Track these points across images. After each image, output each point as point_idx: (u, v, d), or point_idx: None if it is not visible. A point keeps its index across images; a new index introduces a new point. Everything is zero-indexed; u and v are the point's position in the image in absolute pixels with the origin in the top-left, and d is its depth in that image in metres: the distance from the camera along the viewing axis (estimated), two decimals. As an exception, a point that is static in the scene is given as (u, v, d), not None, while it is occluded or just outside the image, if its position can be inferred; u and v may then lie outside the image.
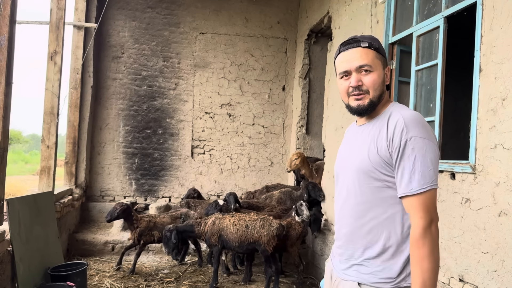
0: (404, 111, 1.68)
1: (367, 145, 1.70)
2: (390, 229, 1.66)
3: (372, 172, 1.67)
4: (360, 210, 1.72)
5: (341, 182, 1.83)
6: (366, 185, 1.69)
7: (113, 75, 7.81)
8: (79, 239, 6.18)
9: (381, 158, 1.65)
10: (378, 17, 4.57)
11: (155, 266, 5.69)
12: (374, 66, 1.72)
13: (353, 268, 1.73)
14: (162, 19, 7.95)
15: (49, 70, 5.43)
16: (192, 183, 7.93)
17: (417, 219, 1.57)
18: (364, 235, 1.70)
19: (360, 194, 1.71)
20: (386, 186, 1.67)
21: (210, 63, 8.11)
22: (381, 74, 1.73)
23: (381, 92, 1.73)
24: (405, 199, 1.61)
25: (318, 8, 6.90)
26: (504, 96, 2.73)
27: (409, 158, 1.58)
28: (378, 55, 1.74)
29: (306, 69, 7.93)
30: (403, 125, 1.61)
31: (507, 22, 2.76)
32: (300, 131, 8.00)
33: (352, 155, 1.78)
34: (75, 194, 6.70)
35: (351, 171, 1.75)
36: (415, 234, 1.56)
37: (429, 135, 1.61)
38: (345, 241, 1.79)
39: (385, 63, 1.78)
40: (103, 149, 7.77)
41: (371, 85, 1.71)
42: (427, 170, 1.58)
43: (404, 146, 1.59)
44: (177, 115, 8.02)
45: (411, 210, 1.59)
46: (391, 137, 1.63)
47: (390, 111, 1.72)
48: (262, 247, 4.63)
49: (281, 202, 6.14)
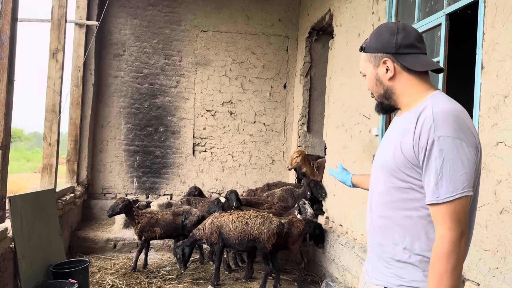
0: (438, 104, 1.47)
1: (394, 141, 1.56)
2: (413, 233, 1.51)
3: (395, 172, 1.53)
4: (385, 209, 1.59)
5: (372, 180, 1.71)
6: (391, 184, 1.56)
7: (115, 73, 7.82)
8: (81, 236, 6.20)
9: (405, 158, 1.49)
10: (380, 14, 4.56)
11: (156, 263, 5.71)
12: (364, 69, 1.69)
13: (379, 269, 1.63)
14: (163, 17, 7.95)
15: (50, 68, 5.43)
16: (194, 181, 7.94)
17: (444, 230, 1.40)
18: (388, 235, 1.58)
19: (385, 193, 1.59)
20: (411, 188, 1.51)
21: (212, 61, 8.11)
22: (371, 75, 1.65)
23: (380, 91, 1.65)
24: (432, 206, 1.44)
25: (320, 6, 6.89)
26: (506, 93, 2.73)
27: (436, 161, 1.40)
28: (367, 56, 1.66)
29: (308, 67, 7.92)
30: (431, 121, 1.42)
31: (509, 19, 2.75)
32: (301, 129, 8.00)
33: (382, 151, 1.66)
34: (77, 192, 6.71)
35: (378, 168, 1.64)
36: (441, 247, 1.39)
37: (463, 133, 1.40)
38: (371, 239, 1.68)
39: (379, 58, 1.63)
40: (104, 146, 7.79)
41: (370, 88, 1.70)
42: (457, 175, 1.38)
43: (431, 146, 1.41)
44: (179, 113, 8.02)
45: (438, 219, 1.42)
46: (418, 135, 1.45)
47: (425, 104, 1.52)
48: (261, 244, 4.65)
49: (283, 200, 6.15)
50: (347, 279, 4.74)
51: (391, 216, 1.57)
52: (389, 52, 1.60)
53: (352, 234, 4.93)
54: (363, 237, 4.66)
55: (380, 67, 1.63)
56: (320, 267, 5.56)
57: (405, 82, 1.61)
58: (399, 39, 1.60)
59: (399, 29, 1.60)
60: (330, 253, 5.28)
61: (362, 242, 4.64)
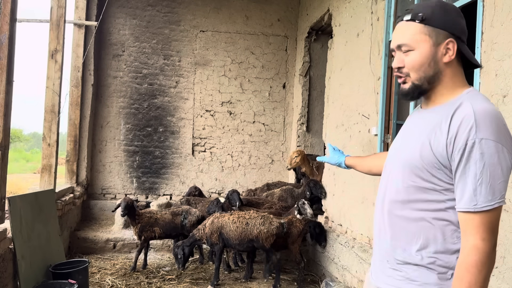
0: (477, 103, 1.35)
1: (423, 137, 1.43)
2: (428, 234, 1.42)
3: (420, 171, 1.41)
4: (400, 208, 1.48)
5: (386, 175, 1.59)
6: (412, 182, 1.44)
7: (114, 73, 7.82)
8: (80, 236, 6.20)
9: (435, 157, 1.37)
10: (379, 14, 4.56)
11: (156, 264, 5.70)
12: (415, 43, 1.43)
13: (388, 273, 1.53)
14: (162, 17, 7.95)
15: (49, 68, 5.43)
16: (193, 181, 7.94)
17: (477, 241, 1.30)
18: (401, 236, 1.48)
19: (402, 191, 1.47)
20: (433, 189, 1.41)
21: (211, 61, 8.11)
22: (425, 52, 1.43)
23: (427, 73, 1.44)
24: (464, 213, 1.33)
25: (319, 6, 6.90)
26: (505, 93, 2.73)
27: (476, 165, 1.28)
28: (425, 28, 1.43)
29: (307, 66, 7.93)
30: (473, 121, 1.29)
31: (507, 18, 2.75)
32: (301, 129, 8.00)
33: (405, 146, 1.52)
34: (76, 192, 6.71)
35: (398, 164, 1.51)
36: (473, 258, 1.29)
37: (505, 138, 1.30)
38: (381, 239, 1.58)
39: (443, 36, 1.43)
40: (104, 147, 7.78)
41: (411, 67, 1.45)
42: (496, 183, 1.28)
43: (470, 148, 1.29)
44: (178, 113, 8.03)
45: (470, 228, 1.31)
46: (453, 134, 1.33)
47: (461, 99, 1.40)
48: (260, 243, 4.65)
49: (282, 200, 6.15)
50: (346, 278, 4.75)
51: (407, 215, 1.46)
52: (454, 34, 1.44)
53: (352, 234, 4.94)
54: (362, 236, 4.66)
55: (441, 46, 1.43)
56: (320, 266, 5.56)
57: (454, 71, 1.47)
58: (463, 24, 1.46)
59: (461, 14, 1.47)
60: (330, 252, 5.28)
61: (361, 242, 4.64)
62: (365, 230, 4.61)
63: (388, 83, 4.37)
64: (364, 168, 2.12)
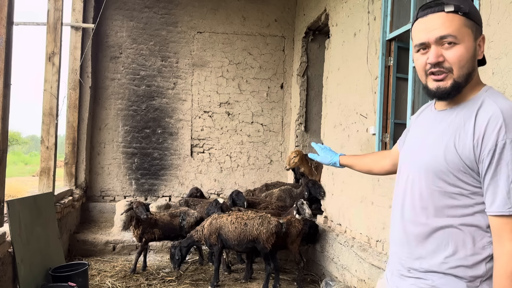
0: (502, 102, 1.29)
1: (446, 140, 1.35)
2: (457, 241, 1.35)
3: (445, 175, 1.34)
4: (424, 215, 1.40)
5: (404, 179, 1.50)
6: (436, 188, 1.37)
7: (112, 75, 7.81)
8: (80, 239, 6.19)
9: (461, 160, 1.31)
10: (375, 13, 4.57)
11: (156, 265, 5.70)
12: (461, 36, 1.33)
13: (410, 282, 1.45)
14: (159, 18, 7.95)
15: (47, 71, 5.42)
16: (192, 182, 7.94)
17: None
18: (426, 244, 1.41)
19: (426, 197, 1.39)
20: (460, 194, 1.34)
21: (208, 62, 8.12)
22: (470, 47, 1.34)
23: (469, 70, 1.35)
24: (498, 218, 1.26)
25: (315, 6, 6.91)
26: (502, 90, 2.74)
27: (508, 166, 1.23)
28: (468, 21, 1.34)
29: (304, 66, 7.93)
30: (502, 121, 1.24)
31: (504, 17, 2.76)
32: (299, 129, 8.01)
33: (423, 149, 1.44)
34: (75, 195, 6.70)
35: (418, 168, 1.43)
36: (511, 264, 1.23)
37: None
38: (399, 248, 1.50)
39: (478, 32, 1.37)
40: (102, 149, 7.78)
41: (456, 62, 1.33)
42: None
43: (501, 150, 1.23)
44: (176, 114, 8.03)
45: (505, 233, 1.24)
46: (481, 135, 1.26)
47: (482, 98, 1.34)
48: (261, 244, 4.65)
49: (281, 200, 6.16)
50: (346, 278, 4.75)
51: (432, 223, 1.38)
52: (481, 30, 1.39)
53: (351, 233, 4.94)
54: (361, 236, 4.67)
55: (477, 42, 1.37)
56: (320, 266, 5.57)
57: (476, 68, 1.40)
58: None
59: None
60: (329, 252, 5.29)
61: (361, 241, 4.65)
62: (364, 229, 4.62)
63: (385, 82, 4.38)
64: (364, 167, 2.05)
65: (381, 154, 2.05)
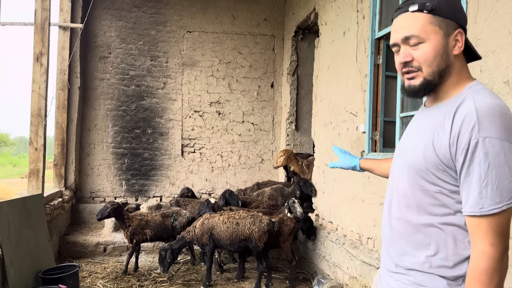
0: (480, 99, 1.27)
1: (426, 138, 1.35)
2: (439, 240, 1.34)
3: (425, 174, 1.34)
4: (407, 213, 1.41)
5: (392, 178, 1.52)
6: (418, 186, 1.37)
7: (101, 75, 7.75)
8: (70, 241, 6.14)
9: (438, 158, 1.30)
10: (364, 12, 4.59)
11: (147, 266, 5.68)
12: (426, 35, 1.33)
13: (396, 277, 1.46)
14: (148, 18, 7.90)
15: (35, 71, 5.36)
16: (183, 182, 7.92)
17: (486, 246, 1.22)
18: (410, 242, 1.41)
19: (409, 195, 1.40)
20: (440, 192, 1.33)
21: (198, 62, 8.09)
22: (438, 44, 1.33)
23: (441, 67, 1.34)
24: (471, 218, 1.25)
25: (305, 5, 6.92)
26: (490, 87, 2.76)
27: (480, 165, 1.21)
28: (434, 18, 1.33)
29: (294, 65, 7.95)
30: (475, 119, 1.22)
31: (491, 15, 2.80)
32: (290, 128, 8.03)
33: (409, 148, 1.44)
34: (65, 196, 6.65)
35: (403, 166, 1.44)
36: (483, 265, 1.22)
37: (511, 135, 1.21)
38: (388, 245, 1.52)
39: (452, 27, 1.35)
40: (92, 150, 7.72)
41: (423, 60, 1.34)
42: (503, 183, 1.20)
43: (474, 148, 1.21)
44: (166, 114, 7.99)
45: (478, 233, 1.24)
46: (456, 133, 1.25)
47: (463, 95, 1.32)
48: (253, 243, 4.66)
49: (272, 199, 6.17)
50: (338, 275, 4.78)
51: (415, 221, 1.39)
52: (460, 24, 1.36)
53: (342, 231, 4.97)
54: (353, 233, 4.69)
55: (451, 37, 1.35)
56: (311, 264, 5.59)
57: (460, 64, 1.38)
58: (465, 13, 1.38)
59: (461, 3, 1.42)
60: (321, 250, 5.31)
61: (352, 239, 4.68)
62: (355, 227, 4.64)
63: (375, 80, 4.40)
64: (383, 171, 1.99)
65: None
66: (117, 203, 5.24)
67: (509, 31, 2.65)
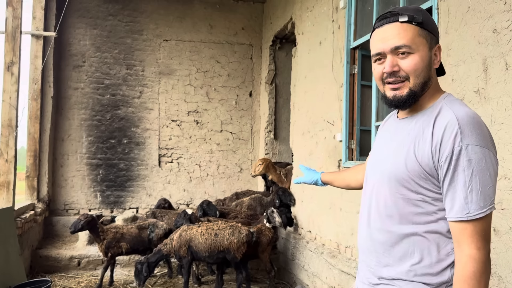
0: (458, 108, 1.32)
1: (406, 148, 1.38)
2: (422, 248, 1.36)
3: (407, 183, 1.36)
4: (389, 223, 1.42)
5: (370, 188, 1.52)
6: (400, 195, 1.39)
7: (75, 84, 7.59)
8: (42, 255, 5.94)
9: (421, 167, 1.33)
10: (339, 22, 4.64)
11: (123, 280, 5.54)
12: (416, 46, 1.36)
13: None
14: (124, 26, 7.81)
15: (5, 81, 5.22)
16: (160, 193, 7.79)
17: (472, 250, 1.25)
18: (392, 252, 1.42)
19: (391, 205, 1.41)
20: (423, 201, 1.35)
21: (175, 70, 8.03)
22: (425, 56, 1.37)
23: (425, 79, 1.38)
24: (456, 223, 1.28)
25: (282, 15, 6.96)
26: (461, 97, 2.81)
27: (465, 172, 1.25)
28: (422, 31, 1.37)
29: (272, 74, 7.97)
30: (457, 128, 1.26)
31: (461, 25, 2.85)
32: (268, 136, 8.02)
33: (386, 157, 1.46)
34: (38, 209, 6.45)
35: (382, 176, 1.45)
36: (471, 269, 1.24)
37: (489, 142, 1.28)
38: (367, 256, 1.52)
39: (434, 41, 1.40)
40: (65, 161, 7.53)
41: (412, 71, 1.36)
42: (486, 188, 1.25)
43: (458, 156, 1.25)
44: (143, 123, 7.88)
45: (464, 237, 1.27)
46: (438, 142, 1.29)
47: (440, 105, 1.37)
48: (231, 254, 4.59)
49: (251, 209, 6.12)
50: (317, 285, 4.75)
51: (397, 230, 1.40)
52: (437, 39, 1.44)
53: (321, 240, 4.96)
54: (331, 242, 4.69)
55: (432, 51, 1.40)
56: (291, 274, 5.55)
57: (435, 77, 1.45)
58: None
59: None
60: (300, 260, 5.28)
61: (330, 248, 4.67)
62: (333, 236, 4.64)
63: (350, 90, 4.43)
64: (342, 183, 2.07)
65: (357, 168, 2.06)
66: (91, 215, 5.10)
67: (478, 41, 2.70)
